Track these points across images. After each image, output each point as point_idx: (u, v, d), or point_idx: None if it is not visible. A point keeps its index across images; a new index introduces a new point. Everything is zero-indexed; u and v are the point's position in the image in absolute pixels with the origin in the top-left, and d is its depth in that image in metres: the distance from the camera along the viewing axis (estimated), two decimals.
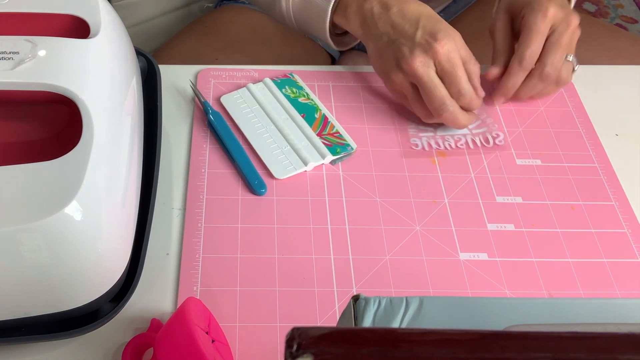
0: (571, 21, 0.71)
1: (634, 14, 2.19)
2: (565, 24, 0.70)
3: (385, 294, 0.42)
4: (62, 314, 0.51)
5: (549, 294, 0.60)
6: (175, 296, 0.58)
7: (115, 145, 0.53)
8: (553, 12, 0.70)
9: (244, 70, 0.79)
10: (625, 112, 0.79)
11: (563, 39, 0.70)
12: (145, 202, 0.59)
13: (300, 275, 0.60)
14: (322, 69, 0.81)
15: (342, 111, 0.75)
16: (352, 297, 0.37)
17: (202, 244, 0.62)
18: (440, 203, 0.67)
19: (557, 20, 0.70)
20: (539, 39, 0.71)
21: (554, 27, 0.71)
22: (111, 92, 0.55)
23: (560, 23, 0.71)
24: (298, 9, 0.78)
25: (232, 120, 0.73)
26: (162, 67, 0.71)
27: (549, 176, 0.70)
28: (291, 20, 0.80)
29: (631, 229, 0.66)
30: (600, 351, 0.27)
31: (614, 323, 0.35)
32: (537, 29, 0.70)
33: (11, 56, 0.52)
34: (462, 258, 0.62)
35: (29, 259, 0.47)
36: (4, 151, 0.57)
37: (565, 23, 0.70)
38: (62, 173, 0.48)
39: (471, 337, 0.28)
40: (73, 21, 0.58)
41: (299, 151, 0.69)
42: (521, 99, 0.77)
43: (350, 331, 0.28)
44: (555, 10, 0.70)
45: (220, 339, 0.54)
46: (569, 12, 0.71)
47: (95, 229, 0.49)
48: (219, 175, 0.68)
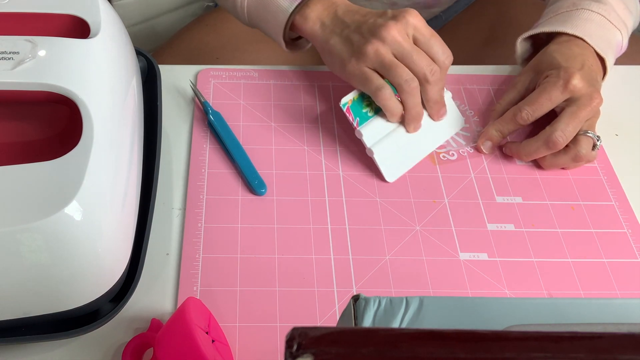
0: (594, 98, 0.67)
1: None
2: (588, 99, 0.67)
3: (385, 294, 0.42)
4: (62, 314, 0.50)
5: (549, 294, 0.60)
6: (175, 296, 0.58)
7: (115, 145, 0.53)
8: (575, 84, 0.67)
9: (244, 70, 0.79)
10: (625, 112, 0.79)
11: (581, 112, 0.66)
12: (145, 202, 0.59)
13: (300, 275, 0.60)
14: (322, 69, 0.81)
15: (342, 111, 0.75)
16: (352, 297, 0.37)
17: (202, 244, 0.62)
18: (440, 203, 0.67)
19: (579, 93, 0.67)
20: (545, 101, 0.68)
21: (573, 98, 0.67)
22: (111, 92, 0.55)
23: (582, 97, 0.67)
24: (253, 3, 0.74)
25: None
26: (162, 67, 0.71)
27: (549, 176, 0.70)
28: (243, 15, 0.76)
29: (631, 229, 0.66)
30: (600, 351, 0.27)
31: (614, 323, 0.35)
32: (548, 91, 0.68)
33: (11, 56, 0.52)
34: (462, 258, 0.62)
35: (29, 259, 0.47)
36: (4, 151, 0.57)
37: (587, 98, 0.67)
38: (62, 173, 0.48)
39: (471, 337, 0.28)
40: (73, 21, 0.58)
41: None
42: (522, 159, 0.71)
43: (350, 331, 0.28)
44: (580, 83, 0.67)
45: (220, 339, 0.54)
46: (595, 90, 0.67)
47: (95, 229, 0.49)
48: (219, 175, 0.68)
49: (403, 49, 0.66)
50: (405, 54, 0.66)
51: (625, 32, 0.75)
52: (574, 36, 0.72)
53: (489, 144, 0.71)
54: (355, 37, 0.68)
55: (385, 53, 0.66)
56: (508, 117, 0.70)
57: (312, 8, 0.71)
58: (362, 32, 0.68)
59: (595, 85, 0.69)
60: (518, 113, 0.69)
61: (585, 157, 0.68)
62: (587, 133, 0.68)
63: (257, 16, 0.75)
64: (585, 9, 0.74)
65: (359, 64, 0.67)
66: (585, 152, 0.68)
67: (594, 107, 0.67)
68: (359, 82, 0.68)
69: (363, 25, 0.68)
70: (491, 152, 0.72)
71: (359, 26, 0.69)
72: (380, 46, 0.66)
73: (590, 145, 0.68)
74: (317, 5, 0.71)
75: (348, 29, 0.69)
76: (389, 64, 0.66)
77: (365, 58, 0.67)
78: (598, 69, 0.71)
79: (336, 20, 0.70)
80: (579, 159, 0.68)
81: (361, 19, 0.69)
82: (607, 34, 0.73)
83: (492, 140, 0.71)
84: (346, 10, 0.71)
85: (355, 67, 0.67)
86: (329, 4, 0.71)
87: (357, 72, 0.67)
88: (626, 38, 0.76)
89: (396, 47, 0.66)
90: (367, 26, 0.68)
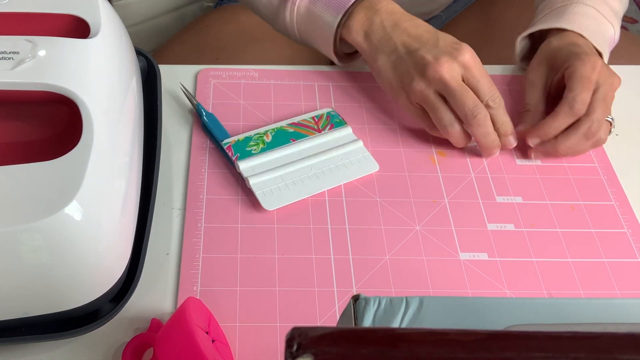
0: (614, 82, 0.69)
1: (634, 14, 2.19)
2: (610, 84, 0.68)
3: (385, 294, 0.42)
4: (62, 314, 0.50)
5: (549, 294, 0.60)
6: (175, 296, 0.58)
7: (115, 145, 0.53)
8: (600, 68, 0.68)
9: (244, 70, 0.79)
10: (625, 112, 0.79)
11: (607, 98, 0.68)
12: (145, 202, 0.59)
13: (300, 275, 0.60)
14: (322, 69, 0.81)
15: (342, 111, 0.75)
16: (352, 297, 0.37)
17: (202, 244, 0.62)
18: (440, 203, 0.67)
19: (603, 77, 0.68)
20: (590, 87, 0.68)
21: (599, 83, 0.68)
22: (111, 92, 0.55)
23: (605, 82, 0.68)
24: (303, 21, 0.75)
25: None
26: (162, 67, 0.71)
27: (549, 176, 0.70)
28: (294, 33, 0.77)
29: (631, 229, 0.66)
30: (600, 351, 0.27)
31: (614, 323, 0.35)
32: (588, 77, 0.68)
33: (11, 56, 0.52)
34: (462, 258, 0.62)
35: (29, 259, 0.47)
36: (4, 151, 0.57)
37: (609, 83, 0.68)
38: (62, 173, 0.48)
39: (471, 337, 0.28)
40: (73, 21, 0.58)
41: None
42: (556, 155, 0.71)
43: (350, 331, 0.28)
44: (602, 66, 0.68)
45: (220, 339, 0.54)
46: (613, 73, 0.69)
47: (95, 229, 0.49)
48: (219, 175, 0.68)
49: (448, 89, 0.66)
50: (450, 93, 0.66)
51: (617, 26, 0.77)
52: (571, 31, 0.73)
53: (537, 140, 0.70)
54: (403, 68, 0.68)
55: (429, 94, 0.67)
56: (564, 112, 0.68)
57: (355, 19, 0.71)
58: (410, 66, 0.68)
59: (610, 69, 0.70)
60: (574, 105, 0.67)
61: (603, 141, 0.70)
62: (607, 118, 0.69)
63: (308, 34, 0.75)
64: (579, 2, 0.74)
65: (408, 99, 0.70)
66: (604, 137, 0.69)
67: (614, 91, 0.69)
68: (410, 114, 0.72)
69: (413, 54, 0.68)
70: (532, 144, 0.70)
71: (410, 53, 0.68)
72: (425, 87, 0.67)
73: (608, 130, 0.70)
74: (360, 14, 0.71)
75: (396, 54, 0.69)
76: (431, 104, 0.68)
77: (413, 95, 0.68)
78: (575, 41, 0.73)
79: (383, 35, 0.70)
80: (599, 144, 0.70)
81: (411, 44, 0.68)
82: (601, 28, 0.74)
83: (545, 137, 0.69)
84: (393, 24, 0.70)
85: (406, 103, 0.70)
86: (371, 11, 0.71)
87: (407, 107, 0.71)
88: (618, 32, 0.77)
89: (442, 88, 0.67)
90: (416, 59, 0.67)
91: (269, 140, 0.70)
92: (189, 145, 0.71)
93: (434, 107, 0.68)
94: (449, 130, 0.68)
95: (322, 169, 0.68)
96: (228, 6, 1.00)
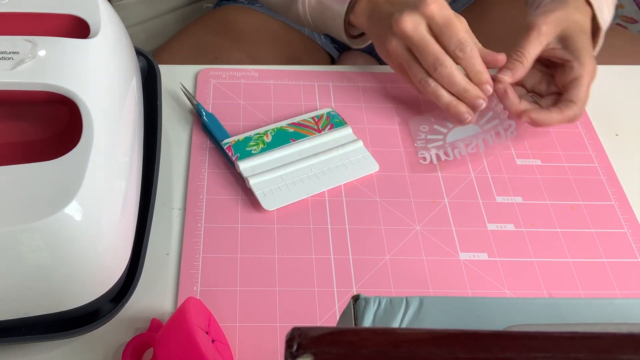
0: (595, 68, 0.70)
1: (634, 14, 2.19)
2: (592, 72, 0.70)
3: (385, 294, 0.42)
4: (62, 314, 0.51)
5: (549, 294, 0.60)
6: (175, 296, 0.58)
7: (115, 145, 0.53)
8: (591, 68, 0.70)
9: (244, 70, 0.79)
10: (625, 112, 0.79)
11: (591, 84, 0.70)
12: (145, 202, 0.59)
13: (300, 275, 0.60)
14: (322, 69, 0.81)
15: (342, 111, 0.75)
16: (352, 297, 0.37)
17: (202, 244, 0.62)
18: (440, 203, 0.67)
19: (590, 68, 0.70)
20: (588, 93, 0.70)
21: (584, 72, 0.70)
22: (111, 92, 0.55)
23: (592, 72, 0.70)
24: (314, 11, 0.79)
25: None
26: (162, 67, 0.71)
27: (549, 176, 0.70)
28: (308, 22, 0.81)
29: (631, 229, 0.66)
30: (600, 351, 0.27)
31: (614, 323, 0.35)
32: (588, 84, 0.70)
33: (11, 56, 0.52)
34: (462, 258, 0.62)
35: (29, 259, 0.47)
36: (4, 151, 0.57)
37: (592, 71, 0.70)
38: (62, 173, 0.48)
39: (471, 337, 0.28)
40: (73, 21, 0.58)
41: None
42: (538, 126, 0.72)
43: (350, 331, 0.28)
44: (593, 66, 0.70)
45: (220, 339, 0.54)
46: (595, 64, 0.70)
47: (95, 229, 0.49)
48: (219, 175, 0.68)
49: (410, 43, 0.68)
50: (413, 47, 0.68)
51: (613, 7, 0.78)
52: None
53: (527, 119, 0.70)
54: (382, 32, 0.71)
55: (400, 50, 0.69)
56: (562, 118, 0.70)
57: (359, 4, 0.75)
58: (386, 27, 0.70)
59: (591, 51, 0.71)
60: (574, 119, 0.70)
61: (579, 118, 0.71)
62: None
63: (320, 22, 0.80)
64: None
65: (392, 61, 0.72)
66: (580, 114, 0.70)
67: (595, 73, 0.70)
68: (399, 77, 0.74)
69: (387, 16, 0.70)
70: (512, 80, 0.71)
71: (387, 16, 0.70)
72: (396, 44, 0.69)
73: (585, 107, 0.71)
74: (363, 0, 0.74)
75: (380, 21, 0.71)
76: (405, 61, 0.69)
77: (390, 56, 0.71)
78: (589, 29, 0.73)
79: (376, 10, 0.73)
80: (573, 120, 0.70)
81: (389, 8, 0.71)
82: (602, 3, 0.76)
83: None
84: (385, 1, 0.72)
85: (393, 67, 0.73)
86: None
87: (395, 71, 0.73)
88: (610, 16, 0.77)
89: (408, 42, 0.68)
90: (388, 19, 0.70)
91: (269, 140, 0.70)
92: (189, 145, 0.71)
93: (407, 64, 0.69)
94: (425, 87, 0.68)
95: (322, 169, 0.68)
96: (228, 6, 1.00)
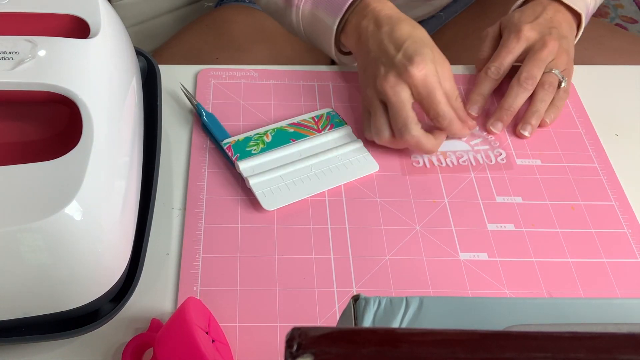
0: (547, 42, 0.73)
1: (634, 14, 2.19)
2: (541, 43, 0.73)
3: (385, 294, 0.42)
4: (62, 314, 0.50)
5: (549, 294, 0.60)
6: (175, 296, 0.58)
7: (115, 145, 0.53)
8: (526, 34, 0.74)
9: (244, 70, 0.79)
10: (625, 112, 0.79)
11: (539, 54, 0.73)
12: (145, 202, 0.59)
13: (300, 275, 0.60)
14: (322, 69, 0.81)
15: (342, 111, 0.75)
16: (352, 297, 0.37)
17: (202, 244, 0.62)
18: (440, 203, 0.67)
19: (532, 41, 0.74)
20: (506, 54, 0.74)
21: (529, 46, 0.74)
22: (111, 92, 0.55)
23: (536, 43, 0.74)
24: (307, 23, 0.78)
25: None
26: (162, 67, 0.71)
27: (549, 176, 0.70)
28: (301, 33, 0.80)
29: (631, 229, 0.66)
30: (600, 351, 0.27)
31: (614, 323, 0.35)
32: (506, 45, 0.75)
33: (11, 56, 0.52)
34: (462, 258, 0.62)
35: (29, 259, 0.47)
36: (4, 151, 0.57)
37: (541, 42, 0.73)
38: (62, 173, 0.48)
39: (471, 337, 0.28)
40: (73, 21, 0.58)
41: None
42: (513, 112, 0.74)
43: (350, 331, 0.28)
44: (530, 32, 0.74)
45: (220, 339, 0.54)
46: (547, 34, 0.73)
47: (95, 229, 0.49)
48: (219, 175, 0.68)
49: (388, 102, 0.68)
50: (388, 106, 0.69)
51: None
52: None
53: (475, 107, 0.75)
54: (367, 73, 0.71)
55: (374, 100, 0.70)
56: (482, 77, 0.75)
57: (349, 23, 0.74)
58: (369, 74, 0.71)
59: (552, 32, 0.74)
60: (487, 70, 0.75)
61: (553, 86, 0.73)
62: (552, 71, 0.73)
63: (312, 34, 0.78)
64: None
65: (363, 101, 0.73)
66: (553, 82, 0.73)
67: (550, 49, 0.73)
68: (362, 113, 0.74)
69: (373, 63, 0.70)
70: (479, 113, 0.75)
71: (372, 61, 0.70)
72: (373, 95, 0.70)
73: (556, 80, 0.74)
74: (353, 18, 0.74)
75: (366, 59, 0.72)
76: (374, 109, 0.70)
77: (365, 99, 0.72)
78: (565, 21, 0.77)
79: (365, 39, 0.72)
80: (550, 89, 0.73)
81: (375, 53, 0.70)
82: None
83: (478, 104, 0.75)
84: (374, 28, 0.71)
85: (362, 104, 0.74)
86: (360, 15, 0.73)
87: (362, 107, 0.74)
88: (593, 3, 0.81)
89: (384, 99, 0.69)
90: (373, 69, 0.70)
91: (269, 140, 0.70)
92: (189, 145, 0.71)
93: (375, 113, 0.70)
94: (378, 136, 0.70)
95: (322, 169, 0.68)
96: (228, 6, 1.00)
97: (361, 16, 0.73)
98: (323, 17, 0.75)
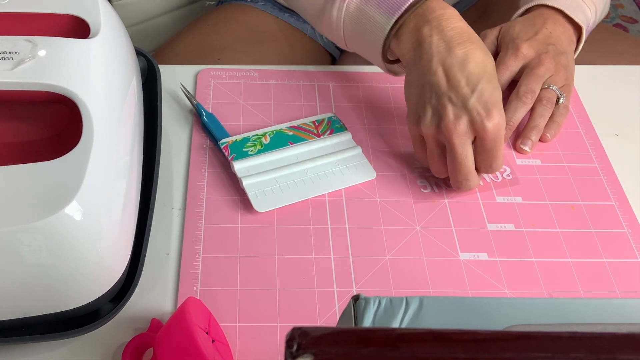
0: (543, 60, 0.72)
1: (634, 14, 2.19)
2: (537, 61, 0.73)
3: (385, 294, 0.42)
4: (62, 314, 0.51)
5: (549, 294, 0.60)
6: (175, 296, 0.58)
7: (115, 145, 0.53)
8: (524, 52, 0.73)
9: (244, 70, 0.79)
10: (625, 112, 0.79)
11: (536, 71, 0.72)
12: (145, 202, 0.59)
13: (300, 275, 0.60)
14: (322, 69, 0.81)
15: (342, 111, 0.75)
16: (352, 297, 0.37)
17: (202, 244, 0.62)
18: (440, 203, 0.67)
19: (529, 58, 0.73)
20: (504, 71, 0.73)
21: (526, 64, 0.74)
22: (111, 92, 0.55)
23: (532, 60, 0.73)
24: (352, 19, 0.69)
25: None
26: (162, 67, 0.72)
27: (549, 176, 0.70)
28: (339, 33, 0.71)
29: (631, 229, 0.66)
30: (600, 351, 0.27)
31: (614, 323, 0.35)
32: (504, 62, 0.74)
33: (11, 56, 0.52)
34: (462, 258, 0.62)
35: (29, 259, 0.47)
36: (4, 151, 0.57)
37: (537, 60, 0.73)
38: (62, 173, 0.48)
39: (471, 337, 0.28)
40: (73, 21, 0.58)
41: None
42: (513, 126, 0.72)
43: (350, 331, 0.28)
44: (528, 50, 0.73)
45: (220, 339, 0.54)
46: (544, 53, 0.73)
47: (95, 229, 0.49)
48: (219, 175, 0.68)
49: (450, 147, 0.63)
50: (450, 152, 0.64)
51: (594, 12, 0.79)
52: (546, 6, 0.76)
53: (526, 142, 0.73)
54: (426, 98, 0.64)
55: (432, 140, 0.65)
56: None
57: (407, 24, 0.65)
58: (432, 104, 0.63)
59: (549, 50, 0.73)
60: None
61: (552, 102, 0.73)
62: (550, 87, 0.73)
63: (355, 35, 0.70)
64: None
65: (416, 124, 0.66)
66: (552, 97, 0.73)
67: (547, 66, 0.72)
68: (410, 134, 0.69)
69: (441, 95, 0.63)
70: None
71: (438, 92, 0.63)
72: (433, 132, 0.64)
73: (554, 96, 0.73)
74: (411, 22, 0.65)
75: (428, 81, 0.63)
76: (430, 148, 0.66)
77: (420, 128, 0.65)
78: (564, 35, 0.76)
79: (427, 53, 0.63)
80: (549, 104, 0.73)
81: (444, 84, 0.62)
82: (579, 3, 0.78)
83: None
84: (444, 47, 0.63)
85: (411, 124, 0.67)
86: (426, 21, 0.64)
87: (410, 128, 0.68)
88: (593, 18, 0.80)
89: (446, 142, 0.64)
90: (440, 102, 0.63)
91: (267, 142, 0.70)
92: (189, 145, 0.71)
93: (431, 153, 0.66)
94: (434, 170, 0.67)
95: (317, 174, 0.68)
96: (228, 5, 1.00)
97: (423, 21, 0.64)
98: (374, 14, 0.66)
